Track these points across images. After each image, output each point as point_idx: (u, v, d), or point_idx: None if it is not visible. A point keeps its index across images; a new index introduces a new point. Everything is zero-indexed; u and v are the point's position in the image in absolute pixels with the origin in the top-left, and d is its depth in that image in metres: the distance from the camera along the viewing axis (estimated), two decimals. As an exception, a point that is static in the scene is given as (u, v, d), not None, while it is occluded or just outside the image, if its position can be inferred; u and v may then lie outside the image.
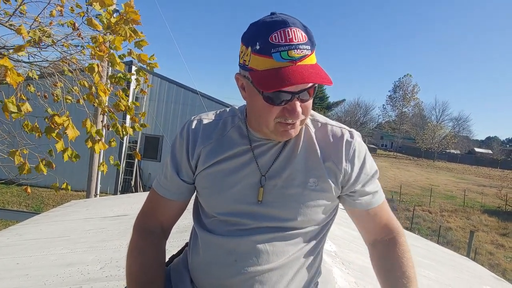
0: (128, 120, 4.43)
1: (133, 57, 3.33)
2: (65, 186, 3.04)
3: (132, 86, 9.90)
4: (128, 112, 3.47)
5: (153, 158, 12.12)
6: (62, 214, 3.54)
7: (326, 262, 1.70)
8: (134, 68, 9.57)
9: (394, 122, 59.31)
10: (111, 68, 3.33)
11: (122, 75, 3.47)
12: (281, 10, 0.75)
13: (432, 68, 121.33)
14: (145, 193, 5.71)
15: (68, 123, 2.68)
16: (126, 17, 2.80)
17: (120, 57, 3.34)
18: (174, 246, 1.28)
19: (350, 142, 0.84)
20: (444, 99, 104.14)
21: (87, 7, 2.94)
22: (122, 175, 11.59)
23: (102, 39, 2.67)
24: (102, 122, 3.54)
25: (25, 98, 2.89)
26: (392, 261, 0.84)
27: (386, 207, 0.90)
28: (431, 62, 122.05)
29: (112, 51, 2.84)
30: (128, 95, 3.97)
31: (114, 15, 3.04)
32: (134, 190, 11.51)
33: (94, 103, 3.12)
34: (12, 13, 2.63)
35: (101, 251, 2.13)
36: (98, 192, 7.80)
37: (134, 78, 3.94)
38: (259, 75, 0.71)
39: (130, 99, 10.33)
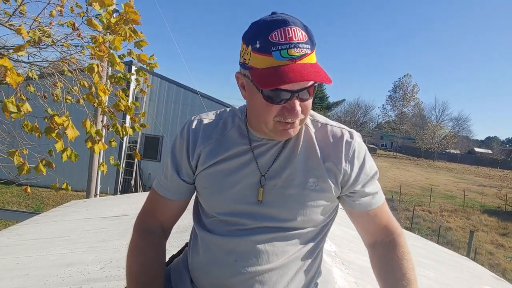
0: (128, 120, 4.43)
1: (133, 57, 3.33)
2: (65, 186, 3.04)
3: (132, 86, 9.90)
4: (128, 112, 3.47)
5: (153, 158, 12.12)
6: (62, 214, 3.53)
7: (326, 262, 1.70)
8: (134, 68, 9.57)
9: (394, 122, 59.30)
10: (111, 68, 3.33)
11: (122, 75, 3.47)
12: (281, 10, 0.75)
13: (432, 68, 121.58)
14: (145, 193, 5.70)
15: (68, 123, 2.68)
16: (126, 17, 2.80)
17: (120, 57, 3.34)
18: (174, 246, 1.28)
19: (350, 142, 0.84)
20: (444, 99, 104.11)
21: (87, 7, 2.94)
22: (122, 175, 11.59)
23: (102, 39, 2.67)
24: (102, 122, 3.54)
25: (25, 98, 2.89)
26: (392, 263, 0.83)
27: (386, 209, 0.89)
28: (431, 62, 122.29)
29: (112, 51, 2.84)
30: (128, 95, 3.97)
31: (114, 15, 3.04)
32: (134, 190, 11.51)
33: (94, 103, 3.12)
34: (12, 13, 2.64)
35: (101, 251, 2.13)
36: (98, 192, 7.80)
37: (134, 78, 3.94)
38: (259, 73, 0.71)
39: (130, 99, 10.33)
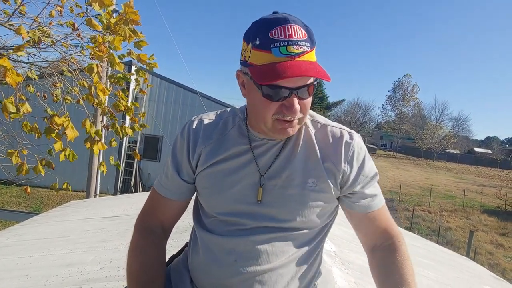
0: (127, 120, 4.43)
1: (132, 57, 3.34)
2: (65, 186, 3.04)
3: (131, 86, 9.90)
4: (127, 112, 3.47)
5: (152, 158, 12.12)
6: (62, 215, 3.53)
7: (326, 262, 1.70)
8: (133, 68, 9.57)
9: (393, 122, 59.34)
10: (111, 68, 3.33)
11: (121, 75, 3.47)
12: (281, 10, 0.75)
13: (431, 68, 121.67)
14: (144, 193, 5.70)
15: (67, 124, 2.68)
16: (125, 17, 2.80)
17: (119, 57, 3.34)
18: (174, 246, 1.28)
19: (350, 143, 0.84)
20: (443, 99, 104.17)
21: (87, 7, 2.94)
22: (121, 175, 11.58)
23: (101, 40, 2.67)
24: (101, 122, 3.54)
25: (24, 98, 2.89)
26: (391, 266, 0.82)
27: (385, 212, 0.88)
28: (431, 62, 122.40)
29: (111, 51, 2.84)
30: (127, 96, 3.97)
31: (114, 16, 3.04)
32: (134, 190, 11.51)
33: (94, 103, 3.12)
34: (11, 13, 2.64)
35: (100, 252, 2.13)
36: (98, 192, 7.80)
37: (133, 78, 3.94)
38: (258, 70, 0.72)
39: (130, 100, 10.33)
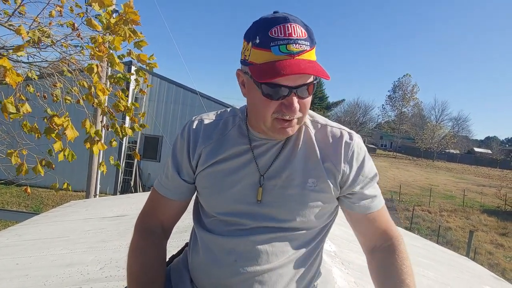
0: (127, 120, 4.43)
1: (132, 57, 3.33)
2: (65, 186, 3.04)
3: (131, 87, 9.90)
4: (127, 113, 3.46)
5: (152, 158, 12.12)
6: (62, 215, 3.53)
7: (326, 262, 1.70)
8: (133, 68, 9.57)
9: (393, 122, 59.37)
10: (111, 68, 3.33)
11: (121, 76, 3.47)
12: (282, 10, 0.75)
13: (431, 68, 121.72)
14: (144, 193, 5.70)
15: (67, 124, 2.68)
16: (125, 17, 2.80)
17: (119, 57, 3.34)
18: (174, 246, 1.28)
19: (349, 143, 0.84)
20: (443, 99, 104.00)
21: (87, 8, 2.94)
22: (121, 175, 11.58)
23: (101, 40, 2.67)
24: (101, 122, 3.54)
25: (24, 98, 2.89)
26: (391, 267, 0.81)
27: (385, 213, 0.88)
28: (431, 62, 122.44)
29: (111, 52, 2.84)
30: (127, 96, 3.97)
31: (114, 16, 3.04)
32: (134, 190, 11.50)
33: (94, 104, 3.12)
34: (11, 13, 2.63)
35: (100, 252, 2.13)
36: (98, 192, 7.80)
37: (133, 78, 3.94)
38: (258, 68, 0.72)
39: (130, 100, 10.33)
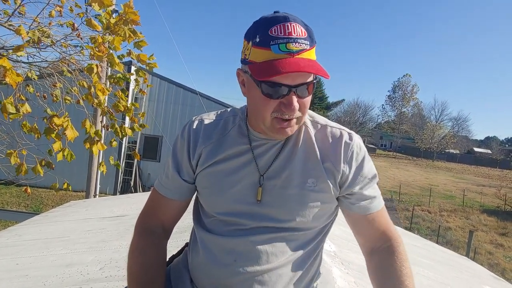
0: (127, 120, 4.43)
1: (132, 57, 3.33)
2: (65, 186, 3.04)
3: (131, 87, 9.90)
4: (127, 113, 3.46)
5: (152, 158, 12.11)
6: (62, 215, 3.53)
7: (326, 262, 1.70)
8: (133, 68, 9.57)
9: (393, 122, 59.36)
10: (110, 68, 3.33)
11: (121, 76, 3.47)
12: (282, 10, 0.75)
13: (431, 68, 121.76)
14: (144, 193, 5.70)
15: (67, 124, 2.68)
16: (125, 17, 2.80)
17: (119, 57, 3.34)
18: (174, 246, 1.28)
19: (349, 143, 0.84)
20: (443, 99, 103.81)
21: (86, 8, 2.94)
22: (121, 176, 11.58)
23: (101, 40, 2.67)
24: (101, 122, 3.54)
25: (24, 98, 2.89)
26: (390, 269, 0.80)
27: (385, 214, 0.88)
28: (431, 62, 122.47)
29: (111, 52, 2.84)
30: (127, 96, 3.97)
31: (113, 16, 3.04)
32: (134, 191, 11.50)
33: (93, 104, 3.12)
34: (11, 13, 2.63)
35: (100, 252, 2.13)
36: (98, 192, 7.80)
37: (133, 78, 3.94)
38: (257, 67, 0.72)
39: (130, 100, 10.32)
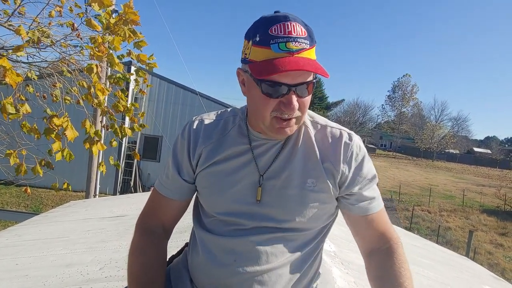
0: (127, 120, 4.43)
1: (132, 57, 3.33)
2: (65, 186, 3.04)
3: (131, 87, 9.89)
4: (127, 113, 3.46)
5: (152, 158, 12.11)
6: (61, 215, 3.53)
7: (326, 262, 1.70)
8: (133, 68, 9.57)
9: (393, 122, 59.34)
10: (110, 68, 3.33)
11: (121, 76, 3.47)
12: (282, 10, 0.75)
13: (431, 68, 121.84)
14: (144, 193, 5.70)
15: (67, 124, 2.68)
16: (125, 17, 2.80)
17: (119, 57, 3.34)
18: (174, 246, 1.28)
19: (349, 144, 0.84)
20: (443, 99, 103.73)
21: (86, 8, 2.94)
22: (121, 176, 11.58)
23: (101, 40, 2.67)
24: (101, 122, 3.54)
25: (24, 98, 2.89)
26: (389, 270, 0.80)
27: (384, 216, 0.88)
28: (431, 62, 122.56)
29: (111, 52, 2.84)
30: (127, 96, 3.97)
31: (113, 16, 3.04)
32: (133, 191, 11.50)
33: (93, 104, 3.12)
34: (11, 13, 2.63)
35: (100, 252, 2.12)
36: (97, 192, 7.80)
37: (133, 78, 3.94)
38: (257, 66, 0.72)
39: (129, 100, 10.32)
